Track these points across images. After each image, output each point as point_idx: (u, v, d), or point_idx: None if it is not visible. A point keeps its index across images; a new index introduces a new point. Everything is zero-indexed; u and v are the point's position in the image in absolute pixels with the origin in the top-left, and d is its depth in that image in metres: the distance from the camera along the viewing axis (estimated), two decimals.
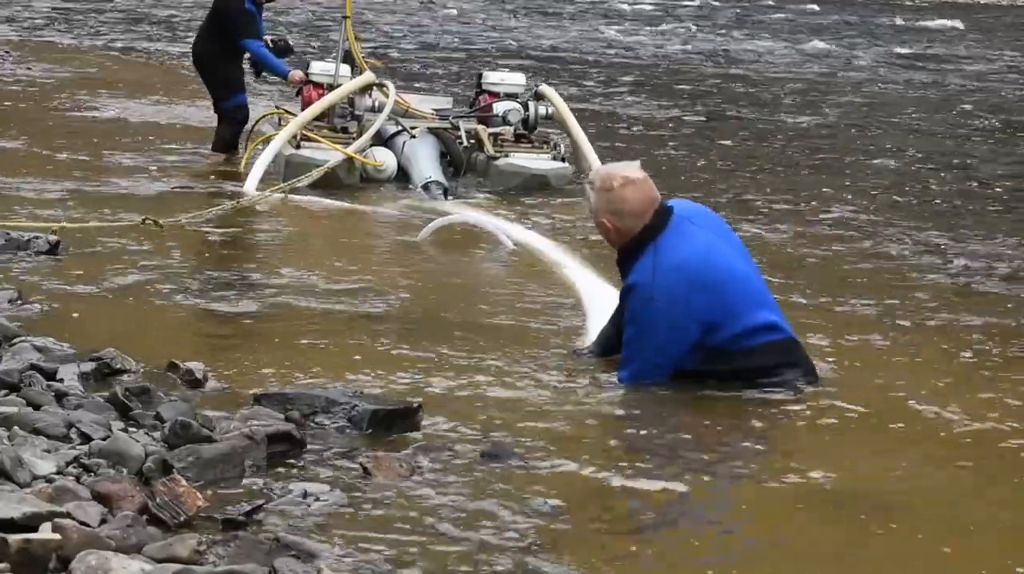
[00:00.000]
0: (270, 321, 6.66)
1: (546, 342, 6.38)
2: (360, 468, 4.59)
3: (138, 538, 3.85)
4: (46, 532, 3.72)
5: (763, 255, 8.03)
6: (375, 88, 11.32)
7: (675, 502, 4.55)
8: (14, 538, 3.62)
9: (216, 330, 6.59)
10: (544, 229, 9.31)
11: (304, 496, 4.35)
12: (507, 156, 10.99)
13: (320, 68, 11.67)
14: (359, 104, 11.34)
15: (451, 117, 11.42)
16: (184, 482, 4.16)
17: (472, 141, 11.06)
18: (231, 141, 11.95)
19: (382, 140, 11.03)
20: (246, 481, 4.46)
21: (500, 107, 11.38)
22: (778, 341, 5.76)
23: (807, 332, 6.37)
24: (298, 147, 10.73)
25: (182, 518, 4.05)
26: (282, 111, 11.78)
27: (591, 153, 11.15)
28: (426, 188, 10.42)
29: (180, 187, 10.43)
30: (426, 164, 10.69)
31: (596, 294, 7.11)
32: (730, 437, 5.19)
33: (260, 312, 6.80)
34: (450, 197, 10.36)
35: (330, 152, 10.60)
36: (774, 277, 7.41)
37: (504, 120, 11.30)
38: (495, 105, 11.42)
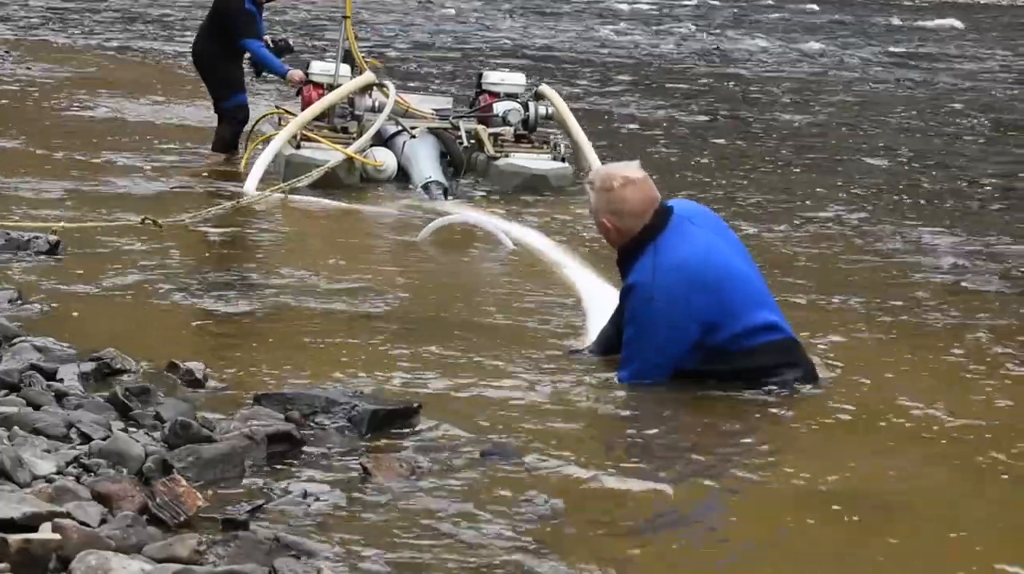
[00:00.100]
0: (270, 321, 6.66)
1: (546, 342, 6.38)
2: (360, 468, 4.59)
3: (138, 538, 3.85)
4: (46, 532, 3.72)
5: (757, 254, 7.96)
6: (375, 88, 11.32)
7: (675, 502, 4.55)
8: (14, 538, 3.62)
9: (216, 330, 6.59)
10: (544, 229, 9.30)
11: (304, 496, 4.35)
12: (507, 156, 10.99)
13: (320, 68, 11.68)
14: (359, 104, 11.34)
15: (451, 117, 11.42)
16: (184, 482, 4.16)
17: (472, 141, 11.06)
18: (231, 141, 11.95)
19: (382, 140, 11.03)
20: (246, 481, 4.46)
21: (500, 107, 11.39)
22: (778, 341, 5.76)
23: (803, 331, 6.36)
24: (298, 147, 10.73)
25: (182, 518, 4.05)
26: (282, 111, 11.79)
27: (591, 153, 11.14)
28: (426, 188, 10.42)
29: (180, 187, 10.43)
30: (426, 164, 10.69)
31: (596, 294, 7.11)
32: (730, 437, 5.19)
33: (260, 312, 6.80)
34: (450, 197, 10.36)
35: (330, 152, 10.61)
36: (769, 276, 7.39)
37: (504, 120, 11.30)
38: (495, 105, 11.42)
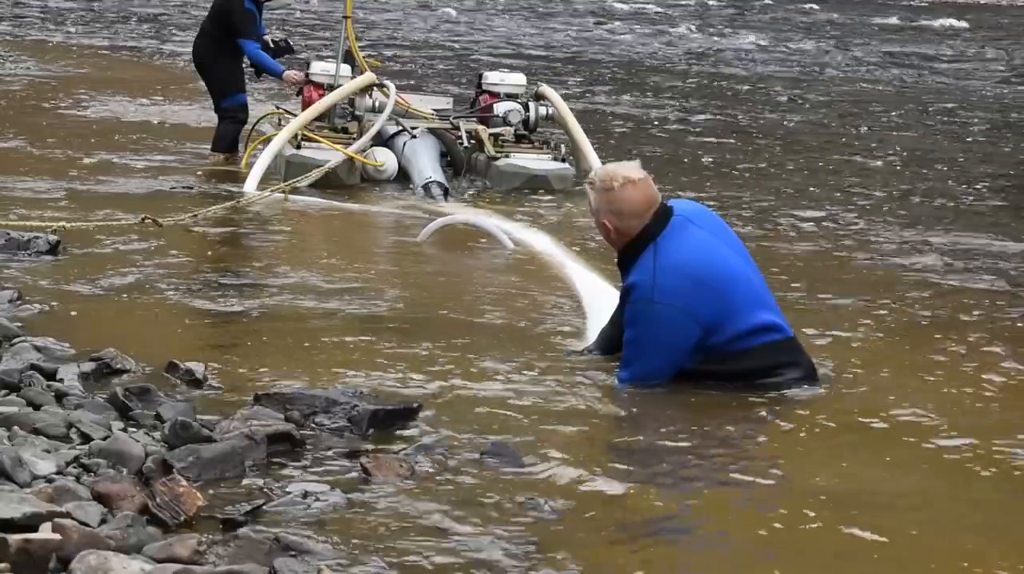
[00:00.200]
0: (270, 321, 6.66)
1: (546, 342, 6.38)
2: (360, 468, 4.59)
3: (138, 538, 3.85)
4: (46, 532, 3.72)
5: (752, 254, 8.00)
6: (375, 88, 11.32)
7: (675, 502, 4.55)
8: (14, 538, 3.62)
9: (216, 330, 6.58)
10: (544, 229, 9.30)
11: (304, 496, 4.35)
12: (508, 156, 10.99)
13: (320, 68, 11.68)
14: (359, 104, 11.34)
15: (451, 117, 11.42)
16: (184, 482, 4.16)
17: (472, 141, 11.06)
18: (231, 141, 11.94)
19: (382, 140, 11.03)
20: (246, 481, 4.46)
21: (500, 107, 11.39)
22: (778, 341, 5.76)
23: (801, 331, 6.36)
24: (298, 147, 10.73)
25: (182, 518, 4.05)
26: (282, 111, 11.79)
27: (591, 153, 11.15)
28: (426, 188, 10.42)
29: (180, 187, 10.42)
30: (426, 164, 10.69)
31: (597, 294, 7.10)
32: (730, 438, 5.19)
33: (260, 312, 6.79)
34: (450, 197, 10.36)
35: (330, 152, 10.61)
36: (765, 275, 7.38)
37: (504, 120, 11.30)
38: (495, 105, 11.43)
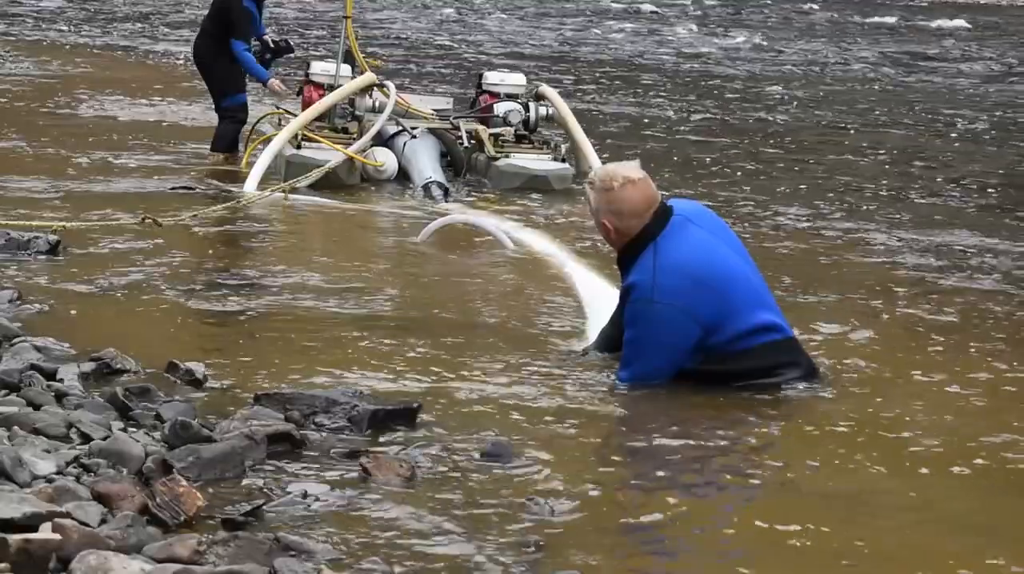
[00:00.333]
0: (270, 321, 6.66)
1: (546, 342, 6.38)
2: (360, 468, 4.59)
3: (138, 538, 3.85)
4: (46, 532, 3.72)
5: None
6: (376, 88, 11.32)
7: (675, 502, 4.55)
8: (14, 538, 3.62)
9: (216, 330, 6.58)
10: (544, 229, 9.30)
11: (304, 496, 4.35)
12: (508, 157, 10.99)
13: (320, 68, 11.68)
14: (359, 104, 11.34)
15: (451, 117, 11.42)
16: (184, 482, 4.16)
17: (473, 141, 11.06)
18: (231, 141, 11.93)
19: (382, 140, 11.03)
20: (246, 481, 4.46)
21: (500, 108, 11.39)
22: (778, 341, 5.76)
23: (799, 330, 6.36)
24: (299, 147, 10.73)
25: (182, 518, 4.05)
26: (282, 111, 11.78)
27: (591, 153, 11.14)
28: (426, 188, 10.42)
29: (179, 187, 10.42)
30: (426, 164, 10.68)
31: (597, 294, 7.10)
32: (730, 438, 5.19)
33: (260, 312, 6.79)
34: (450, 198, 10.36)
35: (330, 152, 10.60)
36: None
37: (505, 121, 11.30)
38: (495, 105, 11.42)
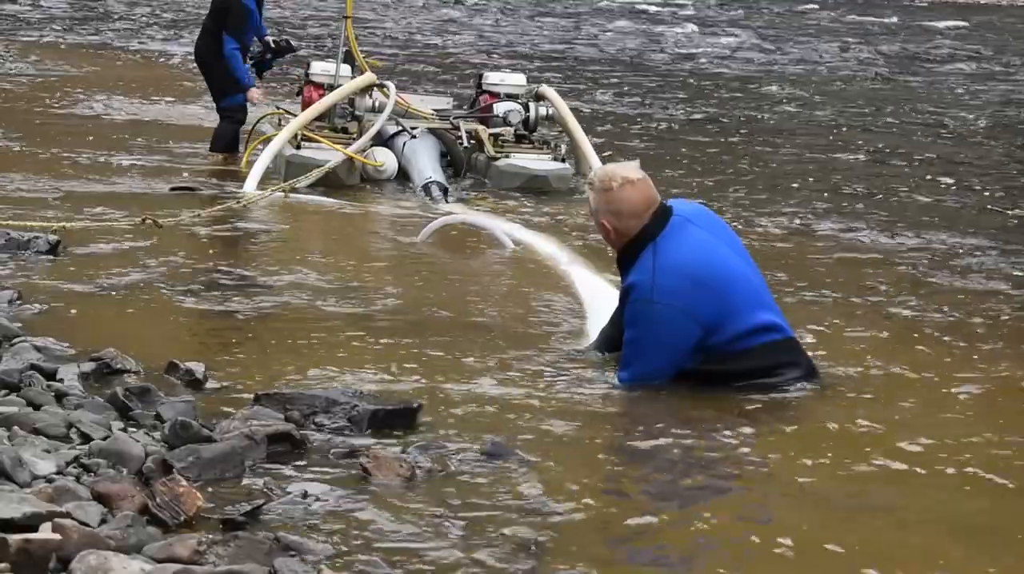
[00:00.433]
0: (270, 321, 6.66)
1: (546, 342, 6.38)
2: (360, 468, 4.59)
3: (138, 538, 3.85)
4: (46, 532, 3.72)
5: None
6: (375, 88, 11.32)
7: (675, 503, 4.55)
8: (14, 538, 3.62)
9: (216, 330, 6.58)
10: (544, 229, 9.30)
11: (304, 496, 4.35)
12: (507, 157, 10.99)
13: (320, 68, 11.68)
14: (359, 104, 11.34)
15: (451, 117, 11.43)
16: (184, 482, 4.16)
17: (472, 141, 11.06)
18: (230, 140, 11.93)
19: (382, 140, 11.03)
20: (246, 481, 4.46)
21: (500, 108, 11.39)
22: (778, 341, 5.76)
23: (798, 329, 6.35)
24: (298, 147, 10.74)
25: (182, 518, 4.05)
26: (282, 111, 11.78)
27: (591, 154, 11.15)
28: (426, 188, 10.42)
29: (179, 187, 10.42)
30: (426, 164, 10.69)
31: (597, 294, 7.10)
32: (730, 438, 5.18)
33: (260, 312, 6.79)
34: (450, 198, 10.36)
35: (330, 152, 10.61)
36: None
37: (504, 121, 11.31)
38: (495, 105, 11.43)
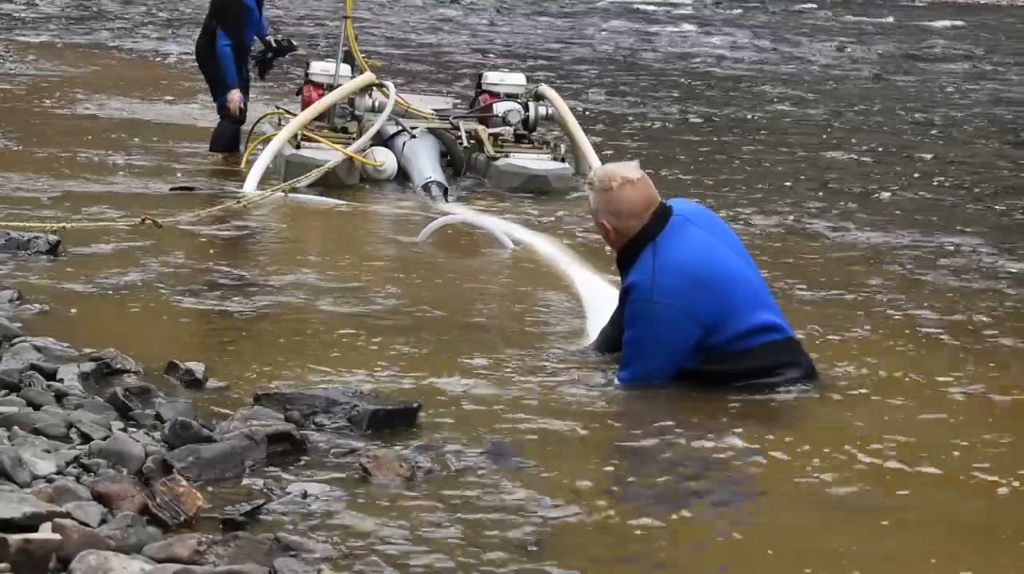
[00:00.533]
0: (270, 321, 6.66)
1: (546, 342, 6.38)
2: (360, 468, 4.59)
3: (138, 538, 3.85)
4: (46, 532, 3.72)
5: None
6: (375, 88, 11.32)
7: (674, 503, 4.55)
8: (14, 538, 3.63)
9: (216, 330, 6.59)
10: (543, 229, 9.30)
11: (304, 496, 4.35)
12: (507, 156, 10.99)
13: (320, 68, 11.68)
14: (359, 104, 11.34)
15: (451, 117, 11.43)
16: (184, 482, 4.16)
17: (472, 141, 11.06)
18: (229, 140, 11.91)
19: (382, 140, 11.03)
20: (246, 481, 4.46)
21: (500, 107, 11.39)
22: (778, 341, 5.76)
23: (797, 329, 6.35)
24: (298, 147, 10.73)
25: (182, 518, 4.05)
26: (282, 111, 11.78)
27: (591, 153, 11.15)
28: (426, 188, 10.42)
29: (179, 187, 10.41)
30: (426, 164, 10.68)
31: (597, 294, 7.10)
32: (730, 438, 5.18)
33: (260, 312, 6.79)
34: (450, 197, 10.36)
35: (330, 152, 10.60)
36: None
37: (504, 120, 11.31)
38: (495, 105, 11.43)
